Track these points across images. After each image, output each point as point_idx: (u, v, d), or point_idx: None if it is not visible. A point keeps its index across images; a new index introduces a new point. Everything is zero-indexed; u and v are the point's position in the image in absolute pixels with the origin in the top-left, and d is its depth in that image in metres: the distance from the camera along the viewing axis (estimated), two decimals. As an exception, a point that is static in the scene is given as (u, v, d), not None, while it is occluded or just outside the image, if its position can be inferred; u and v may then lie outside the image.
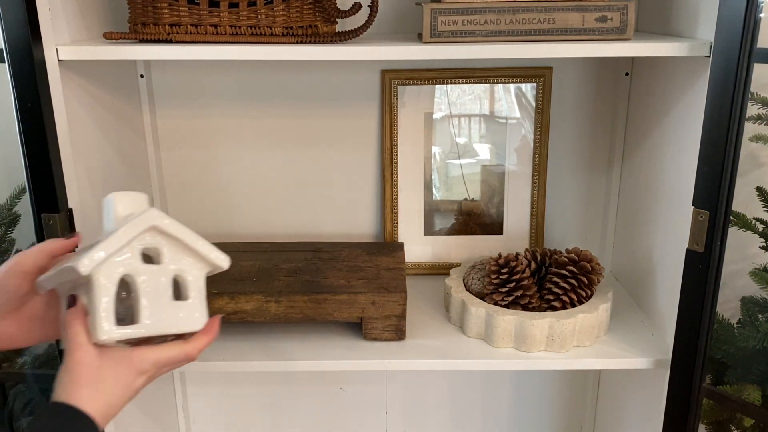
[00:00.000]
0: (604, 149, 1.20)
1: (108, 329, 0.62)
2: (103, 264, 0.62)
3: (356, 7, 0.88)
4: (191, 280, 0.67)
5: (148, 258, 0.67)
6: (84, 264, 0.61)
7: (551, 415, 1.38)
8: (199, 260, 0.68)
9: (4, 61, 0.80)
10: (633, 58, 1.14)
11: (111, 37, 0.90)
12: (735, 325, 1.10)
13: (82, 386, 0.61)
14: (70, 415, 0.59)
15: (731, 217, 0.87)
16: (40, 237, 0.85)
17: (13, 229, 1.13)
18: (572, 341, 0.98)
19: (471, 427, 1.39)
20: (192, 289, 0.67)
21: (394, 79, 1.15)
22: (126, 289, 0.65)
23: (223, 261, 0.69)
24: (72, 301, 0.65)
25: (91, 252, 0.62)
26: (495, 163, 1.21)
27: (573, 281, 0.99)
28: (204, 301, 0.68)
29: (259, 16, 0.87)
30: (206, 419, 1.37)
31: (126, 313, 0.65)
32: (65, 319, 0.64)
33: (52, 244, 0.71)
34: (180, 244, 0.67)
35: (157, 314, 0.65)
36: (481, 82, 1.16)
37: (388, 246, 1.18)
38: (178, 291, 0.68)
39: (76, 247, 0.74)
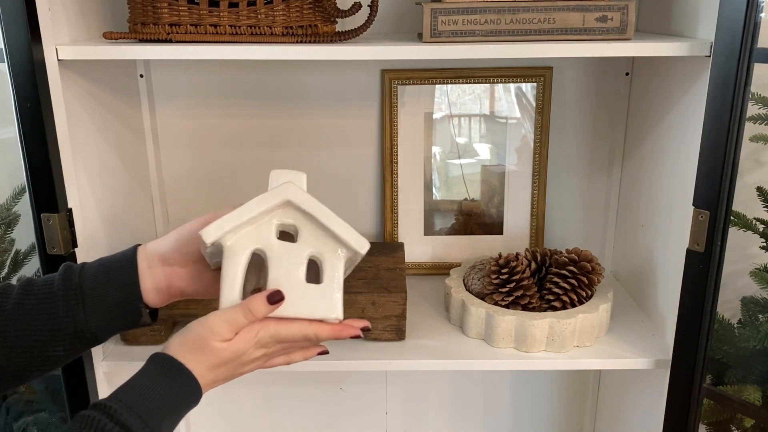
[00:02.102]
0: (605, 149, 1.20)
1: (231, 300, 0.62)
2: (233, 234, 0.62)
3: (356, 7, 0.88)
4: (327, 263, 0.64)
5: (287, 237, 0.65)
6: (209, 232, 0.61)
7: (551, 416, 1.38)
8: (338, 244, 0.64)
9: (3, 61, 0.80)
10: (633, 58, 1.14)
11: (111, 36, 0.90)
12: (735, 326, 1.10)
13: (203, 356, 0.62)
14: (178, 373, 0.61)
15: (731, 217, 0.87)
16: (40, 237, 0.85)
17: (12, 229, 1.13)
18: (572, 341, 0.97)
19: (471, 428, 1.39)
20: (327, 273, 0.64)
21: (394, 78, 1.15)
22: (259, 266, 0.64)
23: (361, 245, 0.64)
24: (276, 295, 0.63)
25: (219, 220, 0.62)
26: (495, 163, 1.21)
27: (573, 281, 0.99)
28: (339, 289, 0.64)
29: (259, 16, 0.87)
30: (206, 419, 1.37)
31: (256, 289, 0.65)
32: (252, 297, 0.63)
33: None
34: (318, 224, 0.64)
35: (287, 295, 0.62)
36: (482, 82, 1.15)
37: (388, 246, 1.18)
38: (314, 275, 0.65)
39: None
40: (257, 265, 0.67)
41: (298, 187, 0.63)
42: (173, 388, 0.61)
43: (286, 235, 0.65)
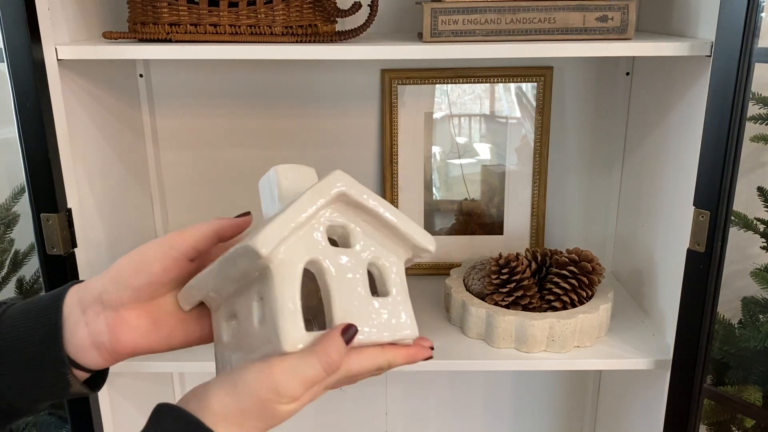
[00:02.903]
0: (605, 149, 1.20)
1: (295, 335, 0.46)
2: (283, 244, 0.46)
3: (356, 7, 0.88)
4: (388, 270, 0.51)
5: (332, 241, 0.51)
6: (261, 242, 0.44)
7: (551, 416, 1.38)
8: (400, 244, 0.52)
9: (3, 61, 0.80)
10: (634, 58, 1.14)
11: (110, 36, 0.90)
12: (736, 326, 1.10)
13: (259, 422, 0.46)
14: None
15: (732, 217, 0.87)
16: (39, 237, 0.85)
17: (12, 229, 1.13)
18: (573, 341, 0.97)
19: (471, 428, 1.39)
20: (391, 282, 0.51)
21: (394, 78, 1.14)
22: (307, 282, 0.50)
23: (429, 242, 0.52)
24: (349, 329, 0.48)
25: (268, 227, 0.45)
26: (495, 162, 1.21)
27: (573, 281, 0.99)
28: (408, 299, 0.52)
29: (259, 16, 0.87)
30: (206, 419, 1.37)
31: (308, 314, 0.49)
32: (323, 339, 0.47)
33: (219, 222, 0.54)
34: (377, 221, 0.51)
35: (353, 315, 0.48)
36: (482, 82, 1.15)
37: (388, 246, 1.18)
38: (373, 285, 0.52)
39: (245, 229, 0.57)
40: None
41: (350, 177, 0.50)
42: None
43: (333, 241, 0.52)
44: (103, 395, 0.97)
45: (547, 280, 1.02)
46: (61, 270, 0.87)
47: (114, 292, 0.51)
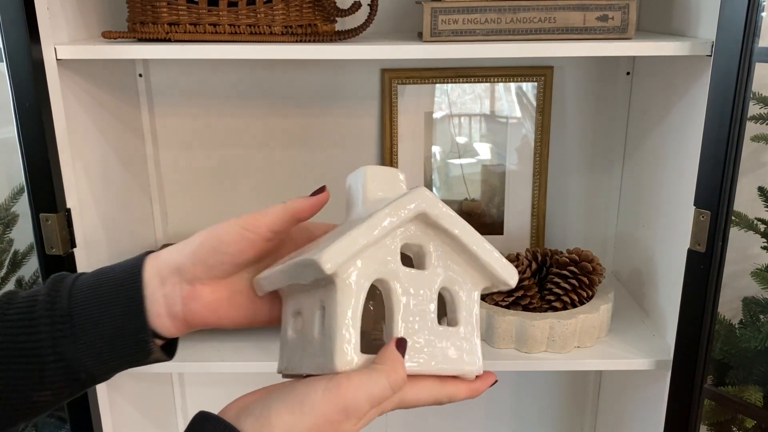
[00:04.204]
0: (605, 149, 1.20)
1: (349, 355, 0.44)
2: (353, 260, 0.44)
3: (356, 6, 0.88)
4: (460, 299, 0.49)
5: (406, 259, 0.49)
6: (327, 258, 0.43)
7: (552, 416, 1.38)
8: (478, 272, 0.49)
9: (2, 61, 0.80)
10: (634, 58, 1.14)
11: (110, 36, 0.89)
12: (736, 326, 1.10)
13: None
14: None
15: (733, 217, 0.86)
16: (39, 237, 0.85)
17: (11, 229, 1.13)
18: (573, 342, 0.97)
19: (471, 428, 1.39)
20: (462, 313, 0.49)
21: (394, 78, 1.14)
22: (372, 301, 0.49)
23: (511, 276, 0.49)
24: (402, 344, 0.46)
25: (337, 242, 0.44)
26: (495, 162, 1.20)
27: (574, 282, 0.99)
28: (477, 332, 0.50)
29: (258, 15, 0.87)
30: (206, 420, 1.37)
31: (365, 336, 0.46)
32: (384, 353, 0.46)
33: (296, 203, 0.52)
34: (456, 245, 0.48)
35: (419, 342, 0.47)
36: (482, 82, 1.15)
37: (388, 246, 1.18)
38: (443, 309, 0.50)
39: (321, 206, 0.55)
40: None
41: (432, 193, 0.47)
42: None
43: (405, 259, 0.49)
44: (103, 395, 0.97)
45: (547, 280, 1.01)
46: (60, 270, 0.87)
47: (191, 267, 0.51)
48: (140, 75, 1.15)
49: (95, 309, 0.50)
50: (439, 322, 0.49)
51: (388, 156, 1.18)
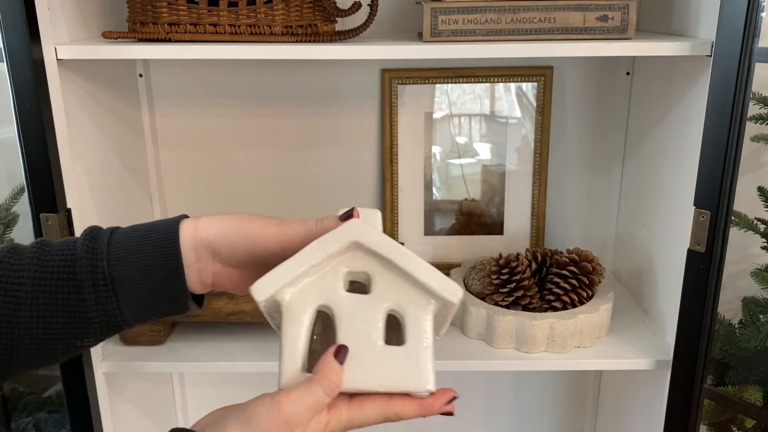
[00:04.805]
0: (605, 149, 1.20)
1: (293, 374, 0.49)
2: (291, 287, 0.50)
3: (356, 6, 0.88)
4: (410, 319, 0.51)
5: (359, 287, 0.52)
6: (262, 287, 0.49)
7: (552, 416, 1.38)
8: (424, 293, 0.51)
9: (2, 61, 0.80)
10: (634, 58, 1.14)
11: (110, 36, 0.89)
12: (736, 326, 1.10)
13: None
14: None
15: (732, 218, 0.86)
16: (39, 237, 0.85)
17: (11, 230, 1.13)
18: (573, 342, 0.97)
19: (472, 428, 1.39)
20: (411, 332, 0.51)
21: (394, 78, 1.14)
22: (324, 325, 0.52)
23: (452, 293, 0.50)
24: (341, 351, 0.50)
25: (268, 274, 0.50)
26: (495, 162, 1.20)
27: (574, 281, 0.99)
28: (429, 350, 0.51)
29: (259, 15, 0.87)
30: (206, 420, 1.37)
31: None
32: (321, 364, 0.51)
33: (329, 225, 0.54)
34: (396, 269, 0.51)
35: (362, 362, 0.49)
36: (482, 82, 1.15)
37: (388, 246, 1.18)
38: (395, 335, 0.52)
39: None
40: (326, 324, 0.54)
41: (368, 226, 0.51)
42: None
43: (358, 286, 0.53)
44: (103, 395, 0.97)
45: (547, 280, 1.01)
46: (60, 270, 0.87)
47: (224, 252, 0.55)
48: (140, 75, 1.15)
49: (136, 274, 0.53)
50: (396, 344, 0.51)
51: (388, 156, 1.18)
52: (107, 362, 0.97)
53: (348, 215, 0.54)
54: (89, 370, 0.93)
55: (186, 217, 0.57)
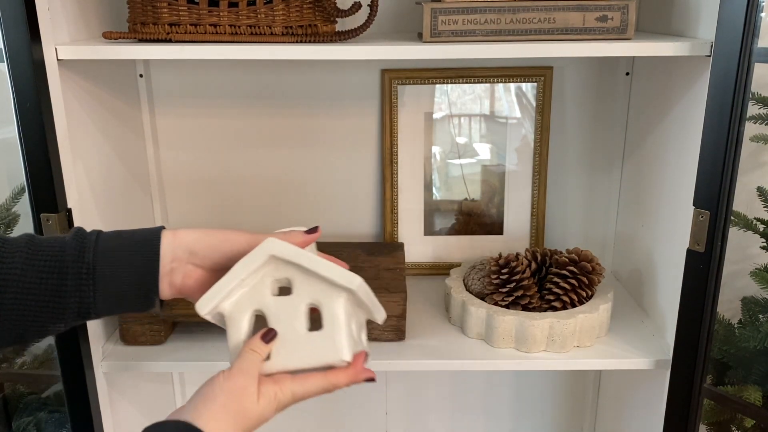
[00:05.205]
0: (605, 149, 1.20)
1: None
2: (227, 299, 0.62)
3: (356, 7, 0.88)
4: (325, 308, 0.62)
5: (287, 291, 0.63)
6: (203, 304, 0.62)
7: (552, 416, 1.38)
8: (331, 287, 0.62)
9: (3, 61, 0.80)
10: (634, 58, 1.14)
11: (110, 36, 0.90)
12: (736, 326, 1.10)
13: (222, 415, 0.59)
14: None
15: (732, 217, 0.87)
16: (39, 237, 0.85)
17: (12, 230, 1.13)
18: (573, 341, 0.97)
19: (471, 428, 1.39)
20: (326, 318, 0.62)
21: (394, 78, 1.14)
22: (264, 326, 0.63)
23: (348, 281, 0.61)
24: (268, 333, 0.62)
25: (210, 291, 0.62)
26: (495, 163, 1.21)
27: (573, 281, 0.99)
28: (340, 330, 0.62)
29: (259, 16, 0.87)
30: (206, 419, 1.37)
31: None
32: (248, 341, 0.62)
33: (295, 240, 0.65)
34: (308, 271, 0.62)
35: (291, 347, 0.62)
36: (482, 82, 1.15)
37: (388, 246, 1.18)
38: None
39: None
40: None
41: (280, 241, 0.62)
42: None
43: (286, 290, 0.64)
44: (103, 394, 0.97)
45: (547, 280, 1.02)
46: (61, 270, 0.87)
47: (200, 257, 0.64)
48: (141, 75, 1.15)
49: (117, 270, 0.61)
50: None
51: (388, 156, 1.18)
52: (107, 362, 0.97)
53: (313, 230, 0.67)
54: (90, 370, 0.93)
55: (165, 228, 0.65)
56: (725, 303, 1.19)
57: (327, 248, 1.16)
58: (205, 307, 0.62)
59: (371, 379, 0.64)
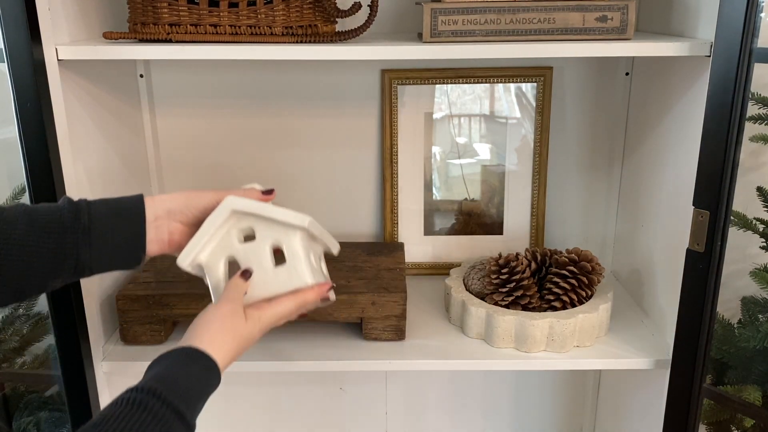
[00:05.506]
0: (605, 149, 1.20)
1: None
2: (203, 252, 0.73)
3: (356, 7, 0.88)
4: (285, 246, 0.74)
5: (252, 237, 0.75)
6: (182, 258, 0.73)
7: (551, 416, 1.38)
8: (287, 228, 0.73)
9: (3, 61, 0.80)
10: (633, 58, 1.14)
11: (110, 36, 0.90)
12: (735, 326, 1.10)
13: (219, 335, 0.68)
14: (200, 358, 0.65)
15: (731, 217, 0.87)
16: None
17: (12, 229, 1.13)
18: (572, 341, 0.97)
19: (471, 428, 1.39)
20: (287, 253, 0.74)
21: (394, 78, 1.15)
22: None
23: (300, 221, 0.72)
24: (245, 273, 0.74)
25: (186, 247, 0.73)
26: (495, 163, 1.21)
27: (573, 281, 0.99)
28: (300, 261, 0.73)
29: (259, 16, 0.87)
30: (206, 419, 1.37)
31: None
32: (229, 280, 0.73)
33: (254, 195, 0.76)
34: (266, 219, 0.73)
35: (263, 281, 0.73)
36: (482, 82, 1.15)
37: (388, 246, 1.18)
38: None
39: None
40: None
41: (237, 197, 0.72)
42: (201, 374, 0.65)
43: (252, 237, 0.75)
44: (104, 394, 0.97)
45: (546, 279, 1.02)
46: (61, 270, 0.87)
47: (177, 213, 0.73)
48: (141, 75, 1.15)
49: (110, 230, 0.69)
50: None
51: (388, 156, 1.18)
52: (108, 362, 0.97)
53: (269, 191, 0.77)
54: (90, 370, 0.94)
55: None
56: (725, 303, 1.19)
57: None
58: (184, 261, 0.73)
59: (331, 291, 0.77)
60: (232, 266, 0.75)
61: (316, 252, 0.79)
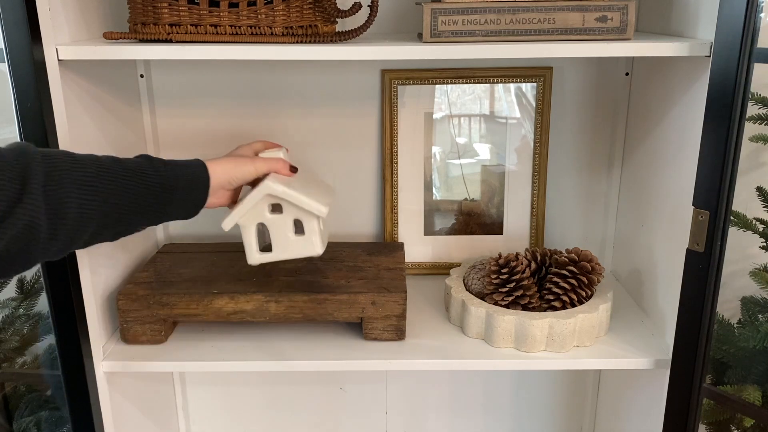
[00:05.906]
0: (605, 149, 1.20)
1: (255, 256, 0.91)
2: (241, 217, 0.89)
3: (356, 7, 0.88)
4: (305, 222, 0.89)
5: (279, 209, 0.90)
6: (227, 223, 0.89)
7: (551, 415, 1.38)
8: (305, 210, 0.89)
9: (4, 61, 0.80)
10: (633, 58, 1.14)
11: (111, 36, 0.90)
12: (735, 325, 1.10)
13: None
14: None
15: (731, 217, 0.87)
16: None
17: (13, 229, 1.13)
18: (572, 341, 0.97)
19: (471, 428, 1.39)
20: (306, 228, 0.90)
21: (394, 78, 1.15)
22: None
23: (318, 210, 0.88)
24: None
25: (230, 213, 0.89)
26: (495, 163, 1.21)
27: (573, 281, 0.99)
28: (315, 234, 0.90)
29: (259, 16, 0.87)
30: (206, 419, 1.37)
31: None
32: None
33: (284, 173, 0.91)
34: (293, 204, 0.88)
35: (283, 245, 0.90)
36: (482, 82, 1.16)
37: (388, 246, 1.18)
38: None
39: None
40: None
41: (274, 183, 0.87)
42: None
43: (279, 207, 0.90)
44: (104, 394, 0.97)
45: (546, 279, 1.02)
46: (61, 270, 0.87)
47: (226, 184, 0.86)
48: (141, 75, 1.15)
49: (185, 192, 0.80)
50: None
51: (388, 156, 1.18)
52: (108, 361, 0.97)
53: (294, 168, 0.93)
54: (90, 369, 0.94)
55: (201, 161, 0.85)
56: (725, 303, 1.19)
57: (328, 247, 1.16)
58: (227, 226, 0.89)
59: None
60: (261, 231, 0.92)
61: (326, 223, 0.97)
